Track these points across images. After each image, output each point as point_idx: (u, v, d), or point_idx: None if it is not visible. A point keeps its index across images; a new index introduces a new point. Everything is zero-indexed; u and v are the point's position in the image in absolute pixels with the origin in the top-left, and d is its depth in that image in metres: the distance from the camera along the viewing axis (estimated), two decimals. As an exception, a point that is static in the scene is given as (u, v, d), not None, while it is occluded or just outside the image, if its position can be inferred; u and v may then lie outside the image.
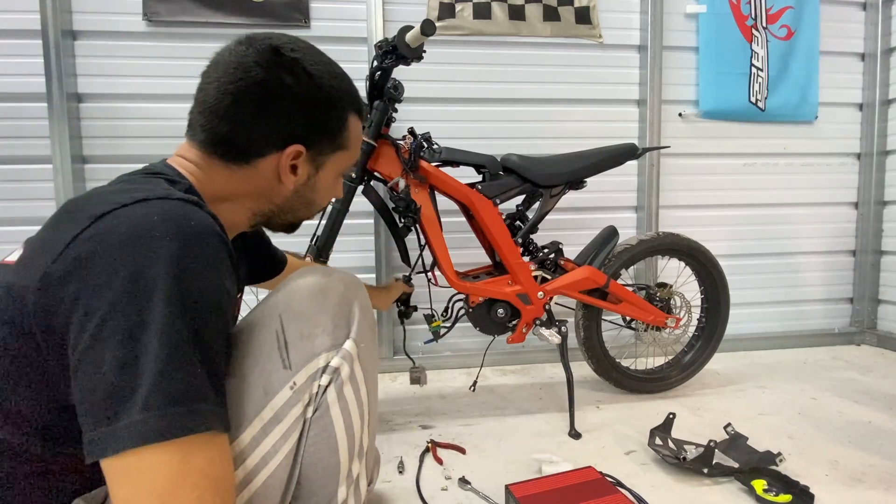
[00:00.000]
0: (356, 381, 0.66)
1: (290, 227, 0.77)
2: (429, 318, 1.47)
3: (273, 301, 0.64)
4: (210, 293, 0.50)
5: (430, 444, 1.30)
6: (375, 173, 1.39)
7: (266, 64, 0.61)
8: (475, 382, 1.64)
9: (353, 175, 1.30)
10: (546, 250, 1.53)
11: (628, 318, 1.68)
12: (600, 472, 1.09)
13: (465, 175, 1.45)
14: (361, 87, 1.38)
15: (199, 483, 0.45)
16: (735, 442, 1.27)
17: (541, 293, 1.49)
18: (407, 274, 1.49)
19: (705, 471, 1.13)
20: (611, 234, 1.61)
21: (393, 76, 1.32)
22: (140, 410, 0.43)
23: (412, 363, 1.55)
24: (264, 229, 0.92)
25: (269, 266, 1.06)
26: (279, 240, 1.59)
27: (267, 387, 0.59)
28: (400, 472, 1.19)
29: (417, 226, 1.39)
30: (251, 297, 1.11)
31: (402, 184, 1.35)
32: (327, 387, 0.63)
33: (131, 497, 0.44)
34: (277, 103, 0.62)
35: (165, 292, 0.46)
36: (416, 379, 1.53)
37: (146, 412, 0.43)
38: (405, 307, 1.49)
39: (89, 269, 0.46)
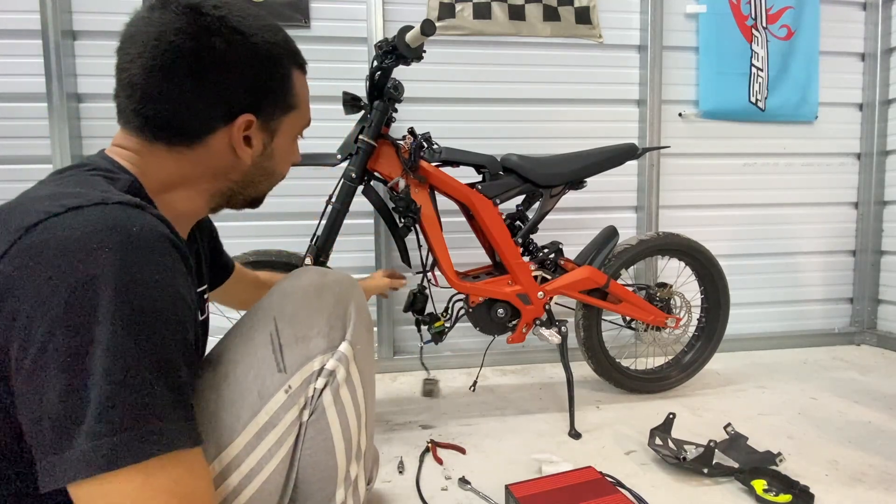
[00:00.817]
0: (352, 383, 0.65)
1: (253, 203, 0.70)
2: (431, 319, 1.46)
3: (267, 303, 0.64)
4: (162, 303, 0.45)
5: (430, 444, 1.30)
6: (375, 173, 1.39)
7: (189, 29, 0.54)
8: (475, 382, 1.64)
9: (354, 175, 1.30)
10: (546, 250, 1.53)
11: (628, 318, 1.68)
12: (600, 472, 1.09)
13: (465, 175, 1.45)
14: (361, 88, 1.39)
15: (194, 496, 0.44)
16: (735, 442, 1.27)
17: (541, 293, 1.49)
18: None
19: (705, 471, 1.13)
20: (611, 234, 1.61)
21: (393, 76, 1.32)
22: (88, 439, 0.40)
23: (427, 373, 1.54)
24: (218, 233, 0.88)
25: (217, 270, 0.93)
26: (279, 236, 1.59)
27: (262, 391, 0.59)
28: (400, 472, 1.19)
29: (417, 226, 1.39)
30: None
31: (402, 184, 1.35)
32: (323, 390, 0.62)
33: None
34: (213, 73, 0.55)
35: (110, 309, 0.42)
36: (430, 392, 1.53)
37: (94, 440, 0.40)
38: (421, 315, 1.46)
39: (24, 289, 0.42)
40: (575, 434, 1.38)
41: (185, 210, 0.62)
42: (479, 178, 1.50)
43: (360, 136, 1.32)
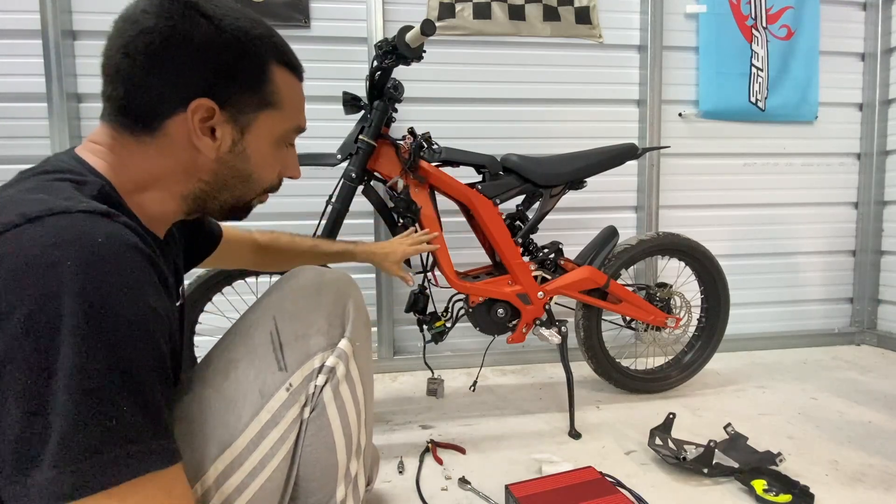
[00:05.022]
0: (352, 379, 0.65)
1: (233, 212, 0.65)
2: (432, 319, 1.46)
3: (266, 302, 0.64)
4: (130, 317, 0.43)
5: (430, 444, 1.30)
6: (375, 173, 1.39)
7: (154, 10, 0.52)
8: (475, 382, 1.64)
9: (354, 175, 1.30)
10: (546, 250, 1.53)
11: (628, 318, 1.68)
12: (600, 472, 1.10)
13: (465, 175, 1.45)
14: (361, 88, 1.39)
15: None
16: (735, 442, 1.27)
17: (541, 293, 1.49)
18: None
19: (705, 471, 1.13)
20: (611, 234, 1.61)
21: (393, 76, 1.32)
22: (52, 467, 0.38)
23: (431, 373, 1.54)
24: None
25: (201, 243, 0.86)
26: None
27: (263, 389, 0.59)
28: (400, 472, 1.19)
29: (417, 226, 1.39)
30: (250, 296, 1.11)
31: (400, 184, 1.35)
32: (323, 387, 0.63)
33: None
34: (170, 50, 0.52)
35: (72, 328, 0.39)
36: (433, 391, 1.53)
37: (56, 469, 0.38)
38: (423, 314, 1.46)
39: None
40: (575, 434, 1.38)
41: (156, 213, 0.59)
42: (479, 178, 1.50)
43: (360, 136, 1.32)
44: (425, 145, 1.37)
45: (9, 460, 0.38)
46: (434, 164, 1.40)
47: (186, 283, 0.90)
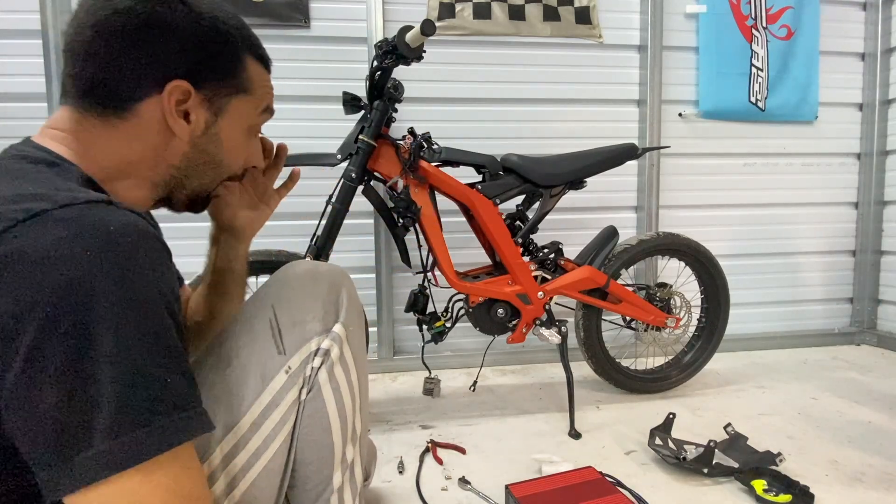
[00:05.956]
0: (346, 362, 0.67)
1: (196, 202, 0.65)
2: (432, 319, 1.46)
3: (265, 292, 0.66)
4: (156, 294, 0.44)
5: (430, 444, 1.30)
6: (375, 173, 1.39)
7: None
8: (475, 382, 1.64)
9: (354, 175, 1.30)
10: (546, 250, 1.53)
11: (628, 318, 1.68)
12: (600, 472, 1.10)
13: (465, 175, 1.45)
14: (361, 88, 1.39)
15: (192, 493, 0.44)
16: (735, 442, 1.27)
17: (541, 293, 1.49)
18: None
19: (705, 471, 1.13)
20: (611, 234, 1.61)
21: (393, 76, 1.32)
22: (103, 440, 0.39)
23: (428, 372, 1.54)
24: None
25: None
26: (279, 236, 1.59)
27: (264, 373, 0.61)
28: (400, 472, 1.19)
29: (417, 226, 1.39)
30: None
31: (400, 184, 1.35)
32: (319, 369, 0.65)
33: None
34: (147, 32, 0.52)
35: (105, 309, 0.40)
36: (430, 391, 1.53)
37: (111, 440, 0.39)
38: (423, 314, 1.46)
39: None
40: (575, 434, 1.38)
41: (128, 201, 0.56)
42: (479, 178, 1.50)
43: (360, 136, 1.32)
44: (425, 145, 1.37)
45: (50, 443, 0.39)
46: (434, 164, 1.40)
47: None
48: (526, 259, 1.51)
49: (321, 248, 1.30)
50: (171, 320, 0.45)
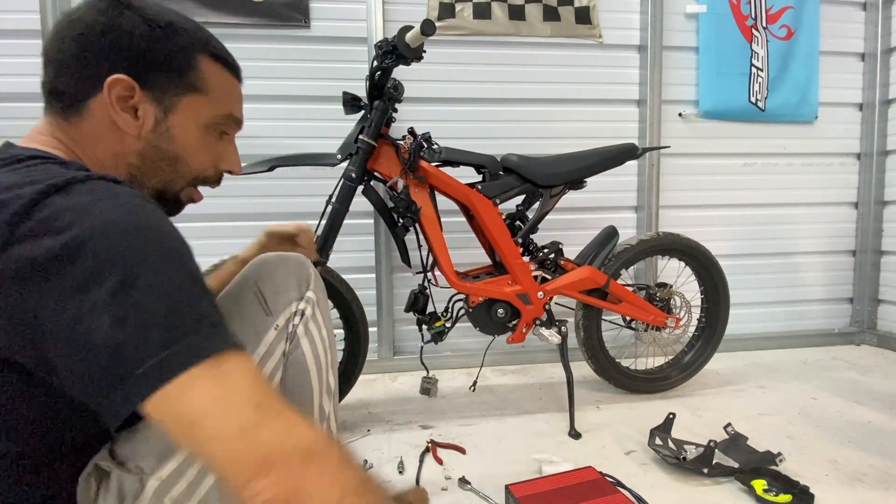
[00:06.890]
0: (318, 320, 0.75)
1: (162, 203, 0.67)
2: (432, 319, 1.46)
3: (247, 274, 0.74)
4: (179, 240, 0.50)
5: (430, 444, 1.30)
6: (375, 173, 1.39)
7: (88, 5, 0.58)
8: (475, 382, 1.64)
9: (354, 175, 1.30)
10: (546, 250, 1.53)
11: (628, 318, 1.68)
12: (600, 472, 1.10)
13: (465, 175, 1.45)
14: (361, 88, 1.39)
15: (254, 388, 0.47)
16: (735, 442, 1.27)
17: (541, 293, 1.49)
18: None
19: (705, 471, 1.13)
20: (611, 234, 1.61)
21: (393, 76, 1.32)
22: (157, 350, 0.43)
23: (426, 372, 1.54)
24: None
25: None
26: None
27: (257, 330, 0.68)
28: (400, 472, 1.19)
29: (417, 226, 1.39)
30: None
31: (400, 184, 1.35)
32: (297, 325, 0.73)
33: (221, 408, 0.44)
34: (93, 35, 0.57)
35: (139, 248, 0.45)
36: (427, 390, 1.52)
37: (164, 350, 0.43)
38: (423, 314, 1.46)
39: (38, 248, 0.43)
40: (575, 434, 1.38)
41: None
42: (479, 178, 1.50)
43: (360, 136, 1.32)
44: (425, 145, 1.37)
45: (109, 367, 0.42)
46: (434, 164, 1.40)
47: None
48: (526, 259, 1.51)
49: (321, 248, 1.30)
50: (194, 261, 0.50)
